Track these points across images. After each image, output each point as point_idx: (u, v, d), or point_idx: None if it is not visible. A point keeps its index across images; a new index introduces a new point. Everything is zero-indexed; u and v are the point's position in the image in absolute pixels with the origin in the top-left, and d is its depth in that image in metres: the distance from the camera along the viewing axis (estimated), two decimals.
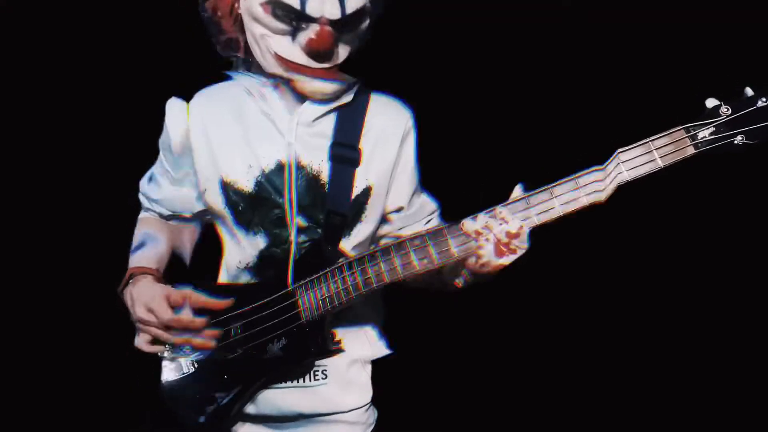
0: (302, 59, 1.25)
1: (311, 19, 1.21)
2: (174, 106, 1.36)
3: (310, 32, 1.22)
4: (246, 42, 1.32)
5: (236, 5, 1.29)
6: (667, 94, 1.20)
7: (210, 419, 1.30)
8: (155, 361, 1.33)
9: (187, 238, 1.49)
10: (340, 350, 1.31)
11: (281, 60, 1.26)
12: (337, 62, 1.28)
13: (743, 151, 1.12)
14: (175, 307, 1.23)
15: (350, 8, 1.22)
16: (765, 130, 1.10)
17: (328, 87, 1.28)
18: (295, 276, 1.29)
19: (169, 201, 1.44)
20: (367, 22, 1.29)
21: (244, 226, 1.33)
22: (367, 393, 1.40)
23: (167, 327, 1.22)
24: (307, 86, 1.28)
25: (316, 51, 1.23)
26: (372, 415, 1.42)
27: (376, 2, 1.30)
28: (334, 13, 1.21)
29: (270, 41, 1.26)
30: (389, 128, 1.36)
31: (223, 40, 1.34)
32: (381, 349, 1.43)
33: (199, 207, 1.43)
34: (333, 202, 1.30)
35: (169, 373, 1.33)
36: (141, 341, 1.27)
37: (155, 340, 1.26)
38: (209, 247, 1.47)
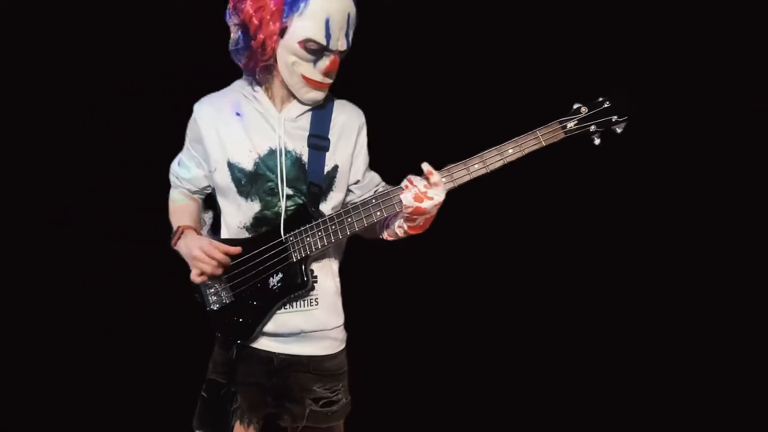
0: (320, 78, 1.73)
1: (332, 51, 1.70)
2: (196, 110, 1.84)
3: (327, 60, 1.71)
4: (266, 63, 1.73)
5: (274, 44, 1.69)
6: (551, 96, 1.76)
7: (240, 335, 1.81)
8: None
9: (200, 206, 1.98)
10: (314, 281, 1.79)
11: (306, 79, 1.73)
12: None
13: (598, 135, 1.70)
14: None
15: (350, 42, 1.73)
16: (608, 122, 1.67)
17: (319, 95, 1.76)
18: (284, 230, 1.76)
19: (195, 180, 1.91)
20: None
21: (243, 195, 1.78)
22: (342, 316, 1.90)
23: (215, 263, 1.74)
24: (306, 95, 1.75)
25: (331, 72, 1.73)
26: (345, 334, 1.92)
27: None
28: (344, 46, 1.72)
29: (299, 67, 1.71)
30: (348, 124, 1.85)
31: (261, 67, 1.74)
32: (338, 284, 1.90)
33: (206, 183, 1.90)
34: (312, 176, 1.78)
35: (214, 304, 1.84)
36: (193, 275, 1.77)
37: (201, 274, 1.75)
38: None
